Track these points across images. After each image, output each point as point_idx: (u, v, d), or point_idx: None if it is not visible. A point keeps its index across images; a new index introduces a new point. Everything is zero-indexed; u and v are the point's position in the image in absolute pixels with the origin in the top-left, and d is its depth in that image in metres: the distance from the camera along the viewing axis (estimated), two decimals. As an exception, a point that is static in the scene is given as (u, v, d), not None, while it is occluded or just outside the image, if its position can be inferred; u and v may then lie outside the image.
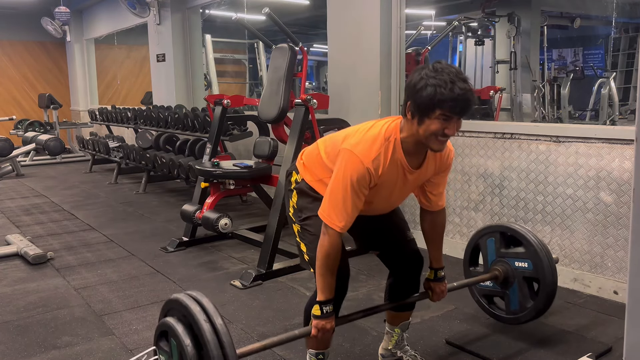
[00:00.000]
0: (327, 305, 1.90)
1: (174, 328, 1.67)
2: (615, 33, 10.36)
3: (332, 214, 1.84)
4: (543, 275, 2.40)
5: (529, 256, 2.43)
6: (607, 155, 3.00)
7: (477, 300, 2.70)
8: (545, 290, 2.42)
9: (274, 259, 3.54)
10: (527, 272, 2.44)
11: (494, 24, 9.36)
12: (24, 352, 2.59)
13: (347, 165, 1.82)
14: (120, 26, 9.60)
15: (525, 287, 2.47)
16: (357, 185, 1.82)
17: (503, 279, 2.50)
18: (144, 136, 6.67)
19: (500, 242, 2.53)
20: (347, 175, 1.81)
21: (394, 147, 1.85)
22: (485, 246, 2.59)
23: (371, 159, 1.82)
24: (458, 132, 3.86)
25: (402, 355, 2.34)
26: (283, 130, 4.30)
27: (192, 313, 1.64)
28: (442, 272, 2.22)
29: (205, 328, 1.60)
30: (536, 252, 2.40)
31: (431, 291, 2.23)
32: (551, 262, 2.40)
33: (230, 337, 1.63)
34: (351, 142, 1.85)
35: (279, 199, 3.56)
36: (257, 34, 4.66)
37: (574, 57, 12.95)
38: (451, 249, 3.88)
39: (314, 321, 1.92)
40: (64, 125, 10.25)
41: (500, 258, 2.53)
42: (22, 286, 3.47)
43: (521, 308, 2.50)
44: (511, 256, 2.49)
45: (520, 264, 2.46)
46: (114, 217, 5.36)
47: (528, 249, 2.43)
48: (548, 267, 2.39)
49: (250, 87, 12.12)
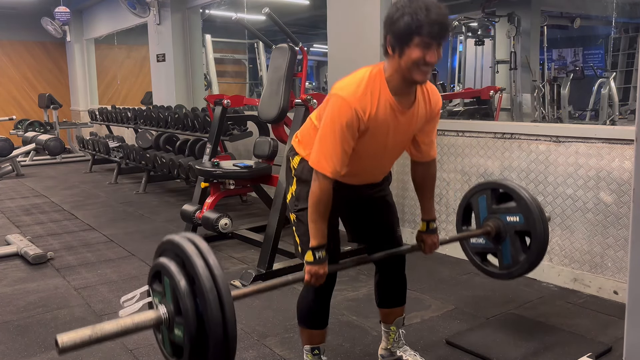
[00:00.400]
0: (320, 251, 1.90)
1: (167, 266, 1.64)
2: (615, 33, 10.36)
3: (321, 160, 1.85)
4: (534, 228, 2.38)
5: (520, 210, 2.42)
6: (607, 155, 3.00)
7: (471, 259, 2.66)
8: (537, 242, 2.40)
9: (274, 259, 3.54)
10: (518, 225, 2.43)
11: (494, 24, 9.37)
12: (24, 352, 2.59)
13: (334, 109, 1.83)
14: (120, 26, 9.61)
15: (517, 241, 2.45)
16: (345, 128, 1.81)
17: (495, 235, 2.48)
18: (144, 136, 6.67)
19: (491, 198, 2.52)
20: (334, 119, 1.82)
21: (380, 88, 1.84)
22: (477, 204, 2.58)
23: (358, 99, 1.81)
24: (458, 132, 3.87)
25: (401, 355, 2.34)
26: (283, 130, 4.30)
27: (185, 250, 1.61)
28: (434, 224, 2.23)
29: (197, 263, 1.57)
30: (527, 206, 2.39)
31: (423, 243, 2.24)
32: (542, 215, 2.40)
33: (223, 273, 1.60)
34: (337, 87, 1.87)
35: (279, 199, 3.57)
36: (257, 34, 4.66)
37: (574, 57, 12.96)
38: (451, 249, 3.88)
39: (307, 267, 1.91)
40: (64, 125, 10.25)
41: (492, 214, 2.51)
42: (22, 286, 3.47)
43: (514, 262, 2.47)
44: (502, 212, 2.48)
45: (512, 219, 2.44)
46: (114, 217, 5.36)
47: (519, 203, 2.42)
48: (539, 219, 2.38)
49: (250, 87, 12.13)
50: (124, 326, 1.56)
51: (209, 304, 1.54)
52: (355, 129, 1.84)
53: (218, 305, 1.54)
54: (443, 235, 3.91)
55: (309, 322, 2.17)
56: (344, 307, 3.02)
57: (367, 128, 1.86)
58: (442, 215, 3.93)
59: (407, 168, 4.23)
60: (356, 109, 1.81)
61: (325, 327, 2.20)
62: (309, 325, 2.18)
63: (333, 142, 1.83)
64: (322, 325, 2.19)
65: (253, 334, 2.71)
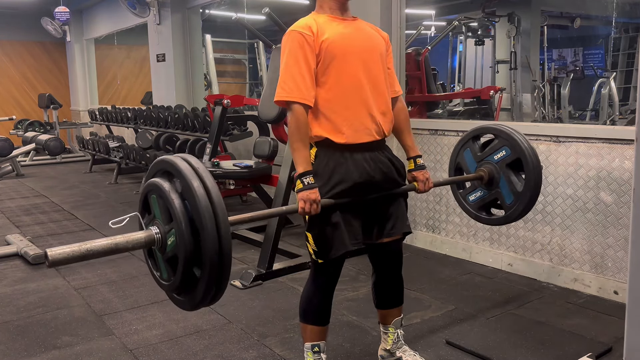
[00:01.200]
0: (307, 177, 1.92)
1: (159, 184, 1.57)
2: (615, 33, 10.37)
3: (287, 88, 1.95)
4: (522, 152, 2.39)
5: (504, 143, 2.44)
6: (607, 155, 3.00)
7: (476, 216, 2.64)
8: (530, 165, 2.39)
9: (274, 259, 3.54)
10: (507, 158, 2.43)
11: (494, 24, 9.38)
12: (24, 352, 2.59)
13: (283, 44, 1.98)
14: (120, 26, 9.61)
15: (511, 174, 2.45)
16: (298, 49, 1.94)
17: (489, 178, 2.49)
18: (144, 136, 6.67)
19: (475, 147, 2.54)
20: (286, 47, 1.97)
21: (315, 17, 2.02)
22: (463, 160, 2.59)
23: (300, 25, 1.97)
24: (458, 132, 3.86)
25: (401, 355, 2.34)
26: (283, 130, 4.30)
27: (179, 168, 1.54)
28: (421, 159, 2.26)
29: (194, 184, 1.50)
30: (509, 135, 2.41)
31: (416, 181, 2.25)
32: (524, 137, 2.42)
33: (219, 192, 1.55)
34: None
35: (279, 199, 3.56)
36: (257, 34, 4.66)
37: (574, 57, 12.96)
38: (451, 249, 3.88)
39: (299, 194, 1.92)
40: (64, 125, 10.25)
41: (480, 161, 2.53)
42: (22, 286, 3.47)
43: (516, 197, 2.46)
44: (489, 153, 2.49)
45: (499, 155, 2.46)
46: (114, 217, 5.29)
47: (500, 136, 2.44)
48: (523, 141, 2.40)
49: (250, 87, 12.13)
50: (116, 243, 1.51)
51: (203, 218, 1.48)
52: (307, 46, 1.95)
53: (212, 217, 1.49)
54: (444, 236, 3.93)
55: (312, 317, 2.17)
56: (344, 307, 3.02)
57: (322, 42, 1.96)
58: (442, 215, 3.93)
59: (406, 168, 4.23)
60: (299, 31, 1.95)
61: (327, 325, 2.20)
62: (312, 320, 2.17)
63: (290, 68, 1.94)
64: (324, 322, 2.18)
65: (253, 334, 2.71)
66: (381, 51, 2.10)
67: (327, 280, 2.11)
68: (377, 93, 2.08)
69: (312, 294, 2.14)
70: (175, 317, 2.92)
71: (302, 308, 2.18)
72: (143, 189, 1.68)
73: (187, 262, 1.53)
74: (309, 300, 2.15)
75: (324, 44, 1.95)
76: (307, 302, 2.15)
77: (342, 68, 1.98)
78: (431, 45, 7.00)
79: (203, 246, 1.50)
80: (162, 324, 2.86)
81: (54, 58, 11.73)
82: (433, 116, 5.60)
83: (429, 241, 4.02)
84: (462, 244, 3.81)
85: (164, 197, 1.56)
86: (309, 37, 1.94)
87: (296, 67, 1.93)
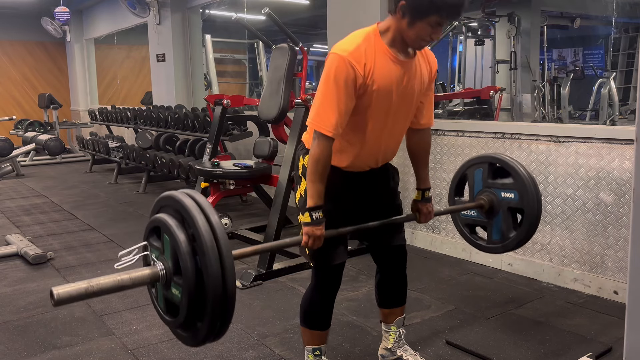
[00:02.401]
0: (317, 212, 1.87)
1: (167, 223, 1.59)
2: (615, 33, 10.36)
3: (319, 118, 1.83)
4: (528, 206, 2.37)
5: (516, 187, 2.41)
6: (607, 155, 3.00)
7: (460, 230, 2.65)
8: (529, 221, 2.39)
9: (274, 259, 3.54)
10: (512, 202, 2.42)
11: (494, 24, 9.37)
12: (24, 352, 2.59)
13: (329, 66, 1.82)
14: (120, 26, 9.61)
15: (509, 218, 2.44)
16: (341, 83, 1.79)
17: (488, 209, 2.47)
18: (144, 136, 6.67)
19: (487, 172, 2.51)
20: (330, 75, 1.80)
21: (374, 42, 1.85)
22: (472, 176, 2.56)
23: (352, 52, 1.80)
24: (458, 132, 3.86)
25: (402, 355, 2.34)
26: (283, 130, 4.30)
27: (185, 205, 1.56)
28: (429, 192, 2.23)
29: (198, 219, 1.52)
30: (524, 183, 2.38)
31: (418, 213, 2.22)
32: (537, 194, 2.40)
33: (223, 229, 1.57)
34: (334, 47, 1.86)
35: (279, 199, 3.57)
36: (257, 34, 4.66)
37: (574, 57, 12.96)
38: (451, 249, 3.88)
39: (304, 228, 1.89)
40: (64, 125, 10.25)
41: (487, 188, 2.50)
42: (22, 286, 3.47)
43: (503, 238, 2.46)
44: (498, 187, 2.47)
45: (507, 195, 2.43)
46: (114, 217, 5.36)
47: (516, 180, 2.41)
48: (534, 198, 2.37)
49: (250, 87, 12.12)
50: (121, 281, 1.52)
51: (208, 259, 1.49)
52: (352, 84, 1.81)
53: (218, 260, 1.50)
54: (444, 236, 3.93)
55: (312, 322, 2.16)
56: (344, 307, 3.02)
57: (368, 84, 1.83)
58: (442, 216, 3.93)
59: (407, 168, 4.23)
60: (351, 62, 1.79)
61: (328, 329, 2.19)
62: (312, 326, 2.16)
63: (330, 98, 1.81)
64: (325, 327, 2.18)
65: (253, 334, 2.71)
66: (421, 88, 2.00)
67: (328, 286, 2.10)
68: (394, 135, 2.05)
69: (313, 299, 2.13)
70: (175, 317, 2.92)
71: (303, 312, 2.16)
72: (149, 223, 1.70)
73: (191, 299, 1.55)
74: (310, 305, 2.14)
75: (369, 88, 1.84)
76: (308, 307, 2.14)
77: (373, 113, 1.90)
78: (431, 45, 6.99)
79: (207, 283, 1.51)
80: (162, 324, 2.84)
81: (54, 58, 11.73)
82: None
83: (429, 241, 4.02)
84: (462, 244, 3.81)
85: (169, 234, 1.58)
86: (358, 75, 1.80)
87: (337, 100, 1.81)
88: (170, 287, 1.59)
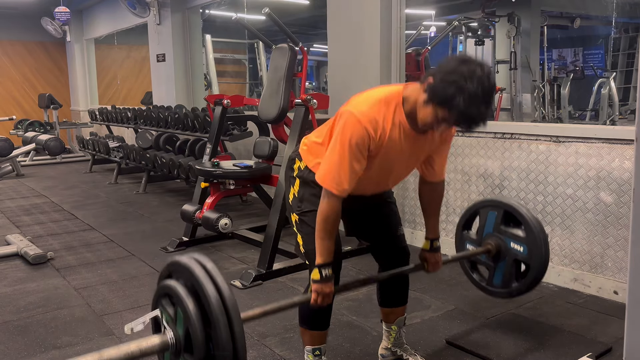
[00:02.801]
0: (326, 269, 1.88)
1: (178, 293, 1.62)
2: (615, 33, 10.37)
3: (330, 177, 1.83)
4: (535, 263, 2.38)
5: (527, 242, 2.41)
6: (607, 155, 3.00)
7: (462, 264, 2.68)
8: (532, 277, 2.40)
9: (274, 259, 3.54)
10: (520, 255, 2.43)
11: (494, 24, 9.37)
12: (24, 352, 2.59)
13: (345, 126, 1.80)
14: (120, 26, 9.61)
15: (513, 268, 2.45)
16: (355, 147, 1.79)
17: (495, 255, 2.48)
18: (144, 136, 6.67)
19: (502, 218, 2.50)
20: (345, 137, 1.79)
21: (395, 110, 1.83)
22: (485, 217, 2.55)
23: (369, 119, 1.79)
24: (458, 132, 3.85)
25: (402, 354, 2.34)
26: (283, 130, 4.30)
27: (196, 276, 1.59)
28: (438, 242, 2.22)
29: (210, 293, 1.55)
30: (535, 241, 2.38)
31: (426, 262, 2.23)
32: (547, 254, 2.40)
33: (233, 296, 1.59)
34: (352, 103, 1.85)
35: (279, 199, 3.57)
36: (257, 34, 4.66)
37: (574, 57, 12.96)
38: (451, 249, 3.87)
39: (314, 285, 1.90)
40: (64, 125, 10.24)
41: (497, 233, 2.51)
42: (22, 286, 3.47)
43: (503, 285, 2.48)
44: (509, 236, 2.46)
45: (516, 247, 2.43)
46: (114, 217, 5.36)
47: (528, 235, 2.40)
48: (542, 257, 2.38)
49: (250, 87, 12.12)
50: (129, 352, 1.56)
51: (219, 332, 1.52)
52: (366, 148, 1.82)
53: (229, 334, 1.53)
54: (443, 236, 3.93)
55: (311, 323, 2.16)
56: (344, 307, 3.02)
57: (379, 149, 1.84)
58: (442, 216, 3.93)
59: (407, 168, 4.22)
60: (367, 128, 1.78)
61: (327, 328, 2.19)
62: (311, 326, 2.17)
63: (342, 161, 1.80)
64: (325, 327, 2.18)
65: (253, 334, 2.71)
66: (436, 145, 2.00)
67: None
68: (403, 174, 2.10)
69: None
70: (175, 317, 2.92)
71: (301, 313, 2.17)
72: (159, 288, 1.73)
73: None
74: (307, 305, 2.10)
75: (380, 149, 1.85)
76: (306, 307, 2.11)
77: (381, 161, 1.91)
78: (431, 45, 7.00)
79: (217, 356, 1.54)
80: (162, 324, 2.86)
81: (54, 58, 11.73)
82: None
83: (429, 241, 4.02)
84: (462, 244, 3.81)
85: (179, 304, 1.61)
86: (372, 139, 1.81)
87: (349, 162, 1.80)
88: (179, 357, 1.62)
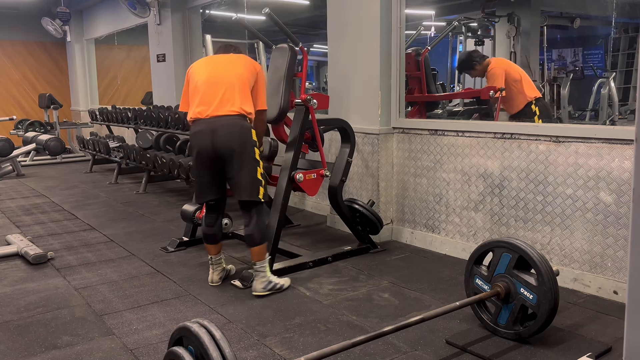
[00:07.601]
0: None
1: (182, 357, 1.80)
2: (615, 33, 10.36)
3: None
4: (542, 313, 2.44)
5: (537, 292, 2.45)
6: (607, 155, 3.01)
7: (469, 293, 2.72)
8: (537, 326, 2.47)
9: (274, 259, 3.54)
10: (528, 303, 2.48)
11: (493, 24, 9.37)
12: (24, 352, 2.59)
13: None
14: (120, 26, 9.61)
15: (519, 313, 2.52)
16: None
17: (503, 296, 2.55)
18: (144, 136, 6.67)
19: (515, 262, 2.54)
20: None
21: None
22: (498, 257, 2.59)
23: None
24: (458, 132, 3.85)
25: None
26: (283, 130, 4.30)
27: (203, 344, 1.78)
28: None
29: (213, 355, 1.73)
30: (545, 293, 2.42)
31: None
32: (555, 306, 2.44)
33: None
34: None
35: (279, 199, 3.57)
36: (257, 34, 4.66)
37: (574, 57, 12.96)
38: (451, 249, 3.88)
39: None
40: (64, 125, 10.25)
41: (508, 276, 2.55)
42: (22, 286, 3.48)
43: (506, 326, 2.56)
44: (520, 280, 2.51)
45: (526, 293, 2.48)
46: (114, 217, 5.36)
47: (540, 285, 2.44)
48: (550, 309, 2.43)
49: (250, 87, 12.10)
50: None
51: None
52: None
53: None
54: (444, 236, 3.93)
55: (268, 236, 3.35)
56: (344, 307, 3.02)
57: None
58: (442, 215, 3.94)
59: (406, 168, 4.23)
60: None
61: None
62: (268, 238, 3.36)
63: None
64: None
65: (253, 334, 2.71)
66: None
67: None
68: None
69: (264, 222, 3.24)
70: (176, 317, 2.92)
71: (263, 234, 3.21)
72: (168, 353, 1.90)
73: None
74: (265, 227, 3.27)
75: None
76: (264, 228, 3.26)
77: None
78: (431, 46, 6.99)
79: None
80: (162, 323, 2.86)
81: (54, 58, 11.73)
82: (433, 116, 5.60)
83: (429, 241, 4.02)
84: (462, 244, 3.81)
85: None
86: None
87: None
88: None
